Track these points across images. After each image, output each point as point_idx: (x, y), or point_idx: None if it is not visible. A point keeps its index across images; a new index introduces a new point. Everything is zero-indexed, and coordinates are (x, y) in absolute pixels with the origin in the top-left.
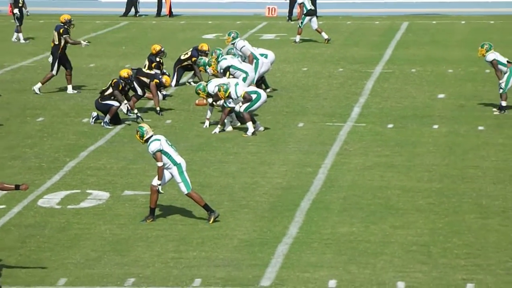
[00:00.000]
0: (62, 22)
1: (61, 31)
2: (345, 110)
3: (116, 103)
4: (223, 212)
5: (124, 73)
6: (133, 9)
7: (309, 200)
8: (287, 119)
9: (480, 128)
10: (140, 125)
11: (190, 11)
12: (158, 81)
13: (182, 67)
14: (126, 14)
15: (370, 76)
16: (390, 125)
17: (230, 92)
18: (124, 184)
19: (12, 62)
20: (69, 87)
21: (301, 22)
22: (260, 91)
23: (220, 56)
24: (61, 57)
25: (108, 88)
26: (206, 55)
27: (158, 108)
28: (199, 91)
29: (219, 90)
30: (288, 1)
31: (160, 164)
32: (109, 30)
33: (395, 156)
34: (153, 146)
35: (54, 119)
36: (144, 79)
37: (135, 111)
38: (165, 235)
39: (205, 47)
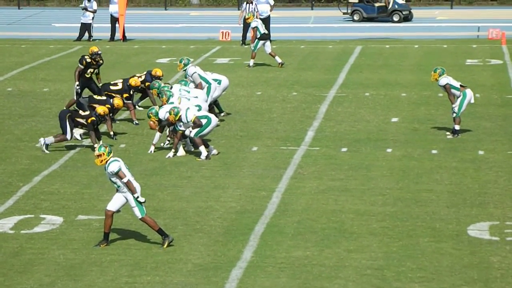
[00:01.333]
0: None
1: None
2: (299, 134)
3: (68, 136)
4: (177, 236)
5: (101, 110)
6: (86, 34)
7: (263, 224)
8: (241, 143)
9: (434, 151)
10: (99, 145)
11: (143, 36)
12: (109, 105)
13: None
14: (79, 38)
15: (324, 100)
16: (344, 149)
17: (180, 116)
18: (78, 209)
19: None
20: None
21: (255, 46)
22: (211, 115)
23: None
24: (84, 83)
25: (84, 117)
26: (161, 79)
27: (111, 133)
28: (150, 114)
29: (169, 114)
30: (242, 26)
31: (125, 179)
32: (63, 54)
33: (349, 180)
34: (113, 166)
35: (8, 144)
36: (96, 105)
37: (111, 133)
38: (119, 259)
39: (159, 72)
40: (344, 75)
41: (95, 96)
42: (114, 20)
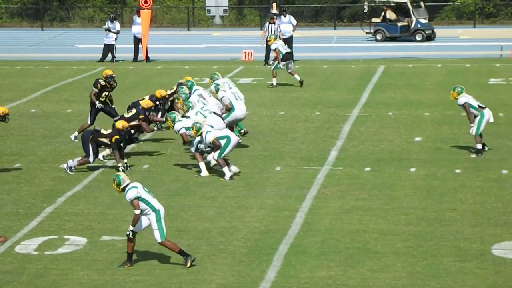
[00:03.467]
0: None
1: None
2: (322, 153)
3: (90, 158)
4: (201, 256)
5: (119, 125)
6: (110, 55)
7: (287, 244)
8: (264, 163)
9: (457, 171)
10: (117, 173)
11: (166, 56)
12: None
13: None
14: (103, 59)
15: (347, 120)
16: (368, 169)
17: (202, 132)
18: (101, 230)
19: None
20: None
21: (275, 66)
22: (230, 134)
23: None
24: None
25: (107, 136)
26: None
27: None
28: (169, 118)
29: (192, 129)
30: (265, 46)
31: (137, 211)
32: (86, 75)
33: (372, 200)
34: (130, 194)
35: (31, 165)
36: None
37: (125, 161)
38: (143, 280)
39: (163, 93)
40: (367, 95)
41: (125, 115)
42: (137, 41)
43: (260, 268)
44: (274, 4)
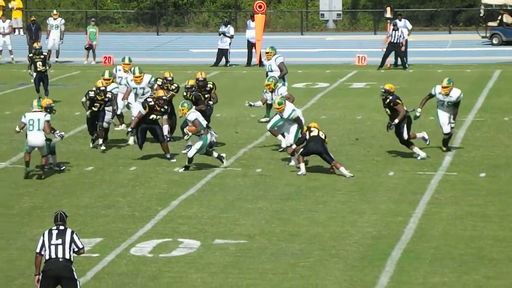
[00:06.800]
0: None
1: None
2: (436, 159)
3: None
4: (313, 261)
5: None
6: (223, 59)
7: (400, 249)
8: (377, 168)
9: None
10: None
11: None
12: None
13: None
14: (216, 64)
15: (462, 125)
16: (482, 174)
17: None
18: (214, 233)
19: None
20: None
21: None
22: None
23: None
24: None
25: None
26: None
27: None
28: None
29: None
30: (384, 50)
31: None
32: None
33: (487, 206)
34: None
35: (146, 168)
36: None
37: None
38: (256, 283)
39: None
40: (482, 100)
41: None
42: (250, 45)
43: (372, 273)
44: (388, 8)
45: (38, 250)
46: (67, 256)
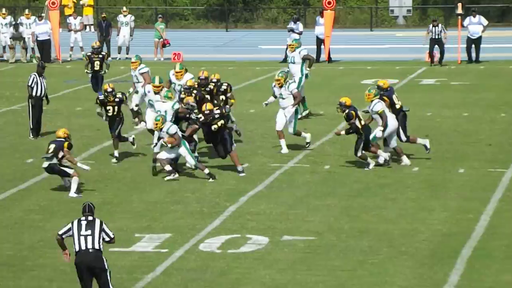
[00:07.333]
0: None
1: None
2: (508, 156)
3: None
4: (382, 258)
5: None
6: None
7: (471, 247)
8: (447, 164)
9: None
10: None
11: (349, 57)
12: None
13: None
14: (285, 60)
15: None
16: None
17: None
18: (283, 229)
19: None
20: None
21: None
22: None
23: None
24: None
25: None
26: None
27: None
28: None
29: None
30: (428, 46)
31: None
32: (269, 76)
33: None
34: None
35: (215, 165)
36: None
37: None
38: (324, 280)
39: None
40: None
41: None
42: (319, 41)
43: (442, 271)
44: (460, 4)
45: (60, 233)
46: (96, 247)
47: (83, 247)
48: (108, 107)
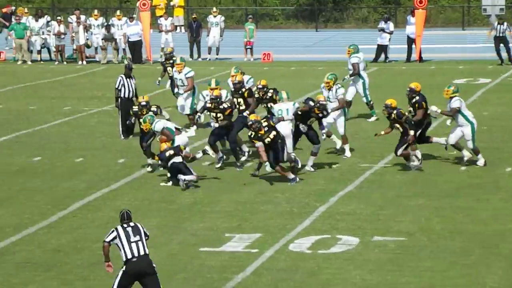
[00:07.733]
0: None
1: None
2: None
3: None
4: (474, 259)
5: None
6: (383, 55)
7: None
8: None
9: None
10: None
11: (440, 56)
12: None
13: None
14: (376, 59)
15: None
16: None
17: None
18: (373, 230)
19: None
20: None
21: None
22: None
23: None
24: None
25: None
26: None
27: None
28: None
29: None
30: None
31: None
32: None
33: None
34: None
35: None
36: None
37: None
38: (415, 281)
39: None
40: None
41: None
42: (410, 41)
43: None
44: None
45: (108, 240)
46: (147, 251)
47: (136, 254)
48: (141, 120)
